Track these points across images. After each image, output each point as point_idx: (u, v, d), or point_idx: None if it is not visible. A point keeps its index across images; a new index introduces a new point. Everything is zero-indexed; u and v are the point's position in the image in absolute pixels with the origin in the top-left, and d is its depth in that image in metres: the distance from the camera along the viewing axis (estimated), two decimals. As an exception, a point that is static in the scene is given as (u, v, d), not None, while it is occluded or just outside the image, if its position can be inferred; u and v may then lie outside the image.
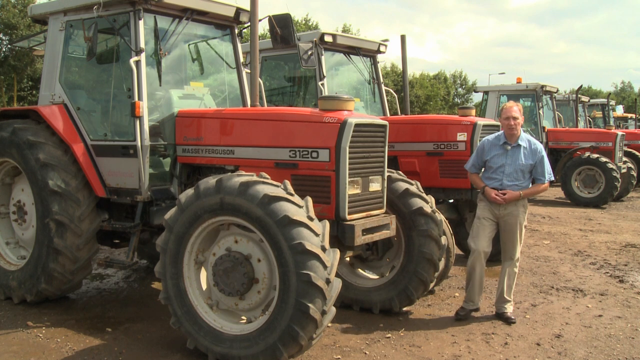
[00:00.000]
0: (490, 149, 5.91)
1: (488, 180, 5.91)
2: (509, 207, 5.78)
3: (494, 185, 5.83)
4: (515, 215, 5.80)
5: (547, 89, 16.64)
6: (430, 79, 59.23)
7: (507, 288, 5.96)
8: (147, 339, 5.37)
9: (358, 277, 6.29)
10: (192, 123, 5.83)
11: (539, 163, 5.80)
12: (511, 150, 5.81)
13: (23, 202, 6.46)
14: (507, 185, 5.77)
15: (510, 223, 5.82)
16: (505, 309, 5.95)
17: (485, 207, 5.90)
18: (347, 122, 4.86)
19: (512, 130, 5.79)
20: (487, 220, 5.88)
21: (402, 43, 8.97)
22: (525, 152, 5.81)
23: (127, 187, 5.95)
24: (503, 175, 5.80)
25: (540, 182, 5.87)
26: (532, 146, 5.84)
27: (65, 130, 6.12)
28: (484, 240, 5.88)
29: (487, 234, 5.89)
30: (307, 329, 4.26)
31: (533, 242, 10.28)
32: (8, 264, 6.59)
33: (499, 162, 5.83)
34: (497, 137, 5.95)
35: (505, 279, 5.96)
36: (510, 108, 5.81)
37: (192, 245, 4.82)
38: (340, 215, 4.91)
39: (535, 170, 5.83)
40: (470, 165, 6.14)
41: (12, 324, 5.76)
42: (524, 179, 5.82)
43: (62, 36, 6.41)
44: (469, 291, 6.02)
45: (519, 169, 5.77)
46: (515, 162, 5.78)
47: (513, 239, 5.87)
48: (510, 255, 5.94)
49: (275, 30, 6.20)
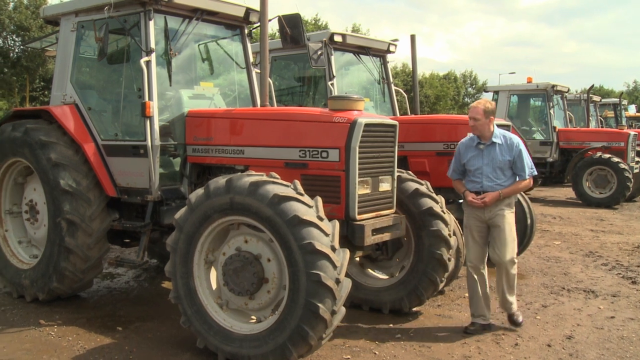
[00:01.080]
0: (465, 151, 5.63)
1: (469, 184, 5.62)
2: (492, 209, 5.46)
3: (475, 188, 5.54)
4: (501, 215, 5.47)
5: (558, 89, 16.55)
6: (440, 78, 59.06)
7: (508, 289, 5.63)
8: (157, 338, 5.40)
9: (368, 277, 6.29)
10: (202, 123, 5.85)
11: (518, 158, 5.47)
12: (486, 149, 5.51)
13: (35, 201, 6.51)
14: (487, 187, 5.47)
15: (497, 224, 5.48)
16: (512, 309, 5.73)
17: (470, 214, 5.61)
18: (357, 122, 4.85)
19: (473, 130, 5.55)
20: (474, 227, 5.59)
21: (412, 43, 8.96)
22: (501, 148, 5.49)
23: (138, 187, 5.98)
24: (482, 177, 5.50)
25: (522, 178, 5.51)
26: (508, 141, 5.52)
27: (76, 130, 6.16)
28: (474, 249, 5.61)
29: (478, 242, 5.60)
30: (317, 328, 4.26)
31: (544, 242, 10.23)
32: (20, 263, 6.65)
33: (476, 164, 5.55)
34: (471, 138, 5.67)
35: (503, 282, 5.60)
36: (474, 108, 5.55)
37: (202, 244, 4.83)
38: (350, 215, 4.90)
39: (515, 166, 5.49)
40: (451, 171, 5.82)
41: (24, 322, 5.81)
42: (505, 177, 5.50)
43: (73, 37, 6.46)
44: (475, 305, 5.67)
45: (497, 167, 5.47)
46: (492, 160, 5.48)
47: (503, 239, 5.48)
48: (502, 257, 5.51)
49: (285, 30, 6.21)
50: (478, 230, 5.57)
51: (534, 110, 17.99)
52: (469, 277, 5.67)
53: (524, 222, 8.29)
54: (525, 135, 16.16)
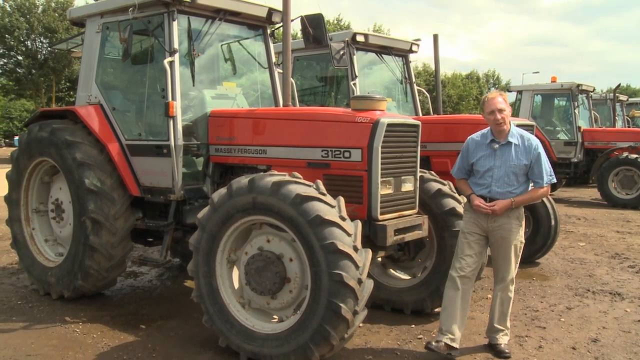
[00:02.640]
0: (476, 149, 4.96)
1: (475, 186, 4.95)
2: (499, 219, 4.80)
3: (481, 192, 4.87)
4: (507, 229, 4.82)
5: (583, 88, 16.33)
6: (462, 78, 58.68)
7: (499, 315, 5.01)
8: (180, 337, 5.44)
9: (390, 278, 6.27)
10: (225, 123, 5.88)
11: (536, 162, 4.79)
12: (500, 149, 4.84)
13: (61, 200, 6.61)
14: (496, 192, 4.79)
15: (501, 238, 4.85)
16: (498, 340, 5.03)
17: (470, 220, 4.95)
18: (379, 122, 4.84)
19: (500, 126, 4.80)
20: (473, 235, 4.92)
21: (434, 42, 8.90)
22: (518, 150, 4.81)
23: (161, 186, 6.03)
24: (492, 180, 4.82)
25: (538, 185, 4.82)
26: (526, 142, 4.83)
27: (101, 130, 6.23)
28: (469, 258, 4.92)
29: (473, 251, 4.93)
30: (339, 329, 4.26)
31: (568, 243, 10.09)
32: (47, 261, 6.75)
33: (486, 165, 4.86)
34: (484, 135, 4.98)
35: (497, 305, 5.00)
36: (493, 99, 4.82)
37: (224, 244, 4.86)
38: (372, 215, 4.89)
39: (532, 172, 4.81)
40: (456, 169, 5.16)
41: (51, 318, 5.91)
42: (518, 184, 4.82)
43: (98, 38, 6.54)
44: (447, 320, 4.90)
45: (511, 171, 4.79)
46: (506, 163, 4.80)
47: (505, 257, 4.89)
48: (502, 277, 4.96)
49: (307, 30, 6.21)
50: (476, 238, 4.93)
51: (558, 110, 17.78)
52: (451, 286, 4.92)
53: (548, 223, 8.21)
54: (549, 136, 15.98)
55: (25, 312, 6.14)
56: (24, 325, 5.70)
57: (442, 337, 4.85)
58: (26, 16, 36.59)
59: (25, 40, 37.32)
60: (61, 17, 35.69)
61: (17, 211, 6.94)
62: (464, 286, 4.88)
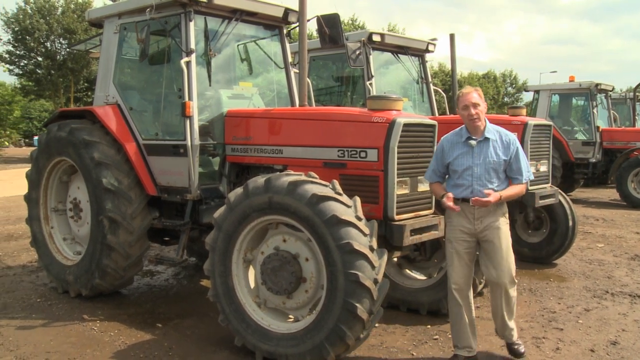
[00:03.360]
0: (451, 149, 4.69)
1: (455, 188, 4.63)
2: (485, 219, 4.56)
3: (463, 193, 4.58)
4: (495, 227, 4.57)
5: (602, 88, 16.14)
6: (479, 78, 58.34)
7: (507, 313, 4.75)
8: (196, 335, 5.47)
9: (405, 278, 6.24)
10: (241, 123, 5.90)
11: (514, 159, 4.61)
12: (478, 146, 4.60)
13: (79, 199, 6.68)
14: (478, 192, 4.53)
15: (491, 238, 4.59)
16: (513, 338, 4.87)
17: (455, 226, 4.66)
18: (395, 122, 4.82)
19: (474, 122, 4.57)
20: (461, 242, 4.65)
21: (451, 42, 8.86)
22: (496, 145, 4.60)
23: (177, 186, 6.07)
24: (472, 179, 4.57)
25: (518, 182, 4.65)
26: (504, 138, 4.64)
27: (118, 129, 6.29)
28: (460, 268, 4.68)
29: (464, 260, 4.68)
30: (354, 328, 4.25)
31: (586, 244, 9.98)
32: (65, 259, 6.83)
33: (465, 163, 4.60)
34: (458, 134, 4.72)
35: (502, 306, 4.70)
36: (467, 94, 4.59)
37: (240, 243, 4.87)
38: (388, 216, 4.87)
39: (510, 168, 4.63)
40: (430, 173, 4.84)
41: (69, 316, 5.98)
42: (499, 181, 4.62)
43: (116, 38, 6.60)
44: (459, 335, 4.78)
45: (491, 167, 4.57)
46: (485, 160, 4.57)
47: (500, 256, 4.59)
48: (501, 277, 4.62)
49: (323, 30, 6.21)
50: (465, 245, 4.66)
51: (576, 110, 17.60)
52: (452, 302, 4.76)
53: (566, 224, 8.14)
54: (566, 136, 15.83)
55: (45, 309, 6.22)
56: (43, 323, 5.77)
57: (460, 351, 4.77)
58: (46, 18, 37.11)
59: (44, 42, 37.89)
60: (80, 19, 36.15)
61: (37, 210, 7.03)
62: (463, 300, 4.71)
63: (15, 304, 6.40)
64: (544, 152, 7.77)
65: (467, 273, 4.71)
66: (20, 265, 8.20)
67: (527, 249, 8.51)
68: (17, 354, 4.99)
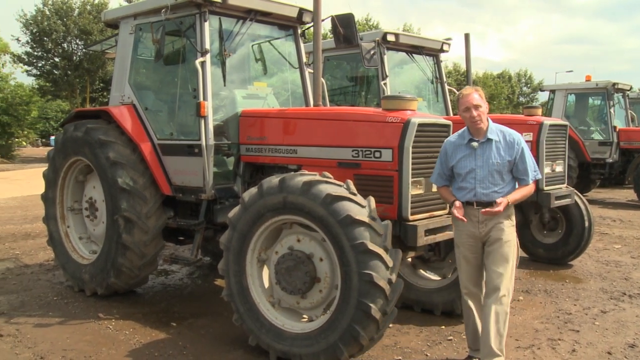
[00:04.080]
0: (454, 151, 4.54)
1: (459, 192, 4.51)
2: (489, 222, 4.40)
3: (467, 197, 4.43)
4: (499, 228, 4.38)
5: (619, 87, 15.97)
6: (493, 77, 58.00)
7: (494, 335, 4.30)
8: (210, 335, 5.49)
9: (420, 278, 6.22)
10: (256, 123, 5.91)
11: (520, 159, 4.42)
12: (480, 147, 4.44)
13: (94, 199, 6.73)
14: (482, 194, 4.38)
15: (495, 240, 4.40)
16: None
17: (462, 231, 4.53)
18: (410, 122, 4.80)
19: (476, 124, 4.41)
20: (467, 246, 4.52)
21: (466, 42, 8.81)
22: (499, 146, 4.43)
23: (192, 186, 6.09)
24: (475, 182, 4.41)
25: (524, 182, 4.46)
26: (508, 138, 4.46)
27: (133, 129, 6.33)
28: (469, 272, 4.58)
29: (472, 263, 4.55)
30: (368, 329, 4.25)
31: (602, 245, 9.88)
32: (81, 258, 6.88)
33: (467, 166, 4.45)
34: (461, 136, 4.57)
35: (491, 321, 4.31)
36: (468, 95, 4.44)
37: (254, 243, 4.88)
38: (402, 216, 4.86)
39: (516, 169, 4.44)
40: (436, 176, 4.69)
41: (85, 314, 6.03)
42: (504, 183, 4.43)
43: (131, 39, 6.64)
44: (474, 337, 4.69)
45: (494, 169, 4.39)
46: (488, 161, 4.40)
47: (499, 260, 4.37)
48: (494, 286, 4.35)
49: (338, 30, 6.20)
50: (472, 249, 4.52)
51: (592, 110, 17.43)
52: (465, 304, 4.68)
53: (582, 224, 8.07)
54: (582, 136, 15.69)
55: (61, 307, 6.28)
56: (60, 321, 5.83)
57: (474, 353, 4.69)
58: (63, 19, 37.49)
59: (61, 43, 38.30)
60: (96, 20, 36.52)
61: (53, 209, 7.09)
62: (475, 304, 4.60)
63: (33, 302, 6.47)
64: (559, 153, 7.71)
65: (476, 277, 4.58)
66: (37, 264, 8.29)
67: (543, 249, 8.46)
68: (35, 351, 5.04)
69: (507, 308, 4.37)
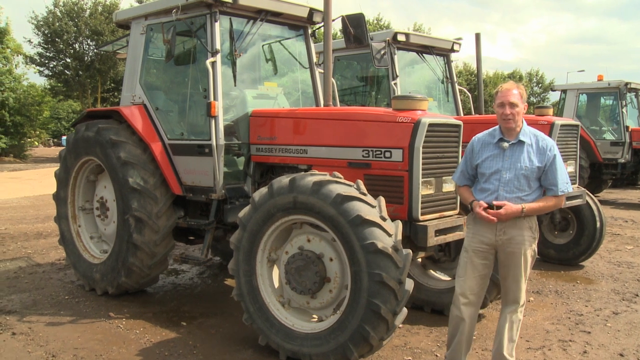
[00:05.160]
0: (481, 149, 4.27)
1: (480, 193, 4.22)
2: (509, 231, 4.09)
3: (487, 199, 4.13)
4: (518, 241, 4.09)
5: (631, 87, 15.85)
6: (504, 77, 57.73)
7: (507, 342, 4.20)
8: (220, 334, 5.50)
9: (430, 279, 6.20)
10: (266, 123, 5.92)
11: (550, 167, 4.09)
12: (510, 149, 4.15)
13: (105, 198, 6.77)
14: (504, 198, 4.07)
15: (511, 253, 4.12)
16: None
17: (475, 234, 4.22)
18: (420, 122, 4.79)
19: (508, 122, 4.11)
20: (477, 253, 4.21)
21: (476, 41, 8.78)
22: (530, 150, 4.12)
23: (202, 185, 6.11)
24: (499, 184, 4.11)
25: (552, 193, 4.11)
26: (540, 142, 4.14)
27: (144, 129, 6.36)
28: (472, 280, 4.25)
29: (478, 271, 4.25)
30: (378, 329, 4.24)
31: (614, 246, 9.81)
32: (92, 257, 6.92)
33: (493, 166, 4.16)
34: (491, 134, 4.28)
35: (505, 329, 4.21)
36: (507, 90, 4.11)
37: (265, 243, 4.89)
38: (413, 216, 4.85)
39: (545, 177, 4.11)
40: (458, 175, 4.45)
41: (96, 313, 6.06)
42: (530, 189, 4.11)
43: (142, 39, 6.67)
44: (454, 349, 4.37)
45: (522, 174, 4.08)
46: (516, 164, 4.10)
47: (517, 275, 4.15)
48: (514, 298, 4.21)
49: (348, 30, 6.19)
50: (482, 255, 4.22)
51: (604, 110, 17.31)
52: (455, 314, 4.34)
53: (593, 225, 8.02)
54: (594, 136, 15.59)
55: (72, 306, 6.32)
56: (71, 320, 5.87)
57: None
58: (74, 20, 37.76)
59: (73, 44, 38.58)
60: (107, 20, 36.76)
61: (65, 209, 7.14)
62: (469, 316, 4.30)
63: (45, 300, 6.52)
64: (571, 153, 7.66)
65: (479, 288, 4.28)
66: (49, 263, 8.34)
67: (554, 250, 8.41)
68: (47, 349, 5.08)
69: (521, 316, 4.28)
